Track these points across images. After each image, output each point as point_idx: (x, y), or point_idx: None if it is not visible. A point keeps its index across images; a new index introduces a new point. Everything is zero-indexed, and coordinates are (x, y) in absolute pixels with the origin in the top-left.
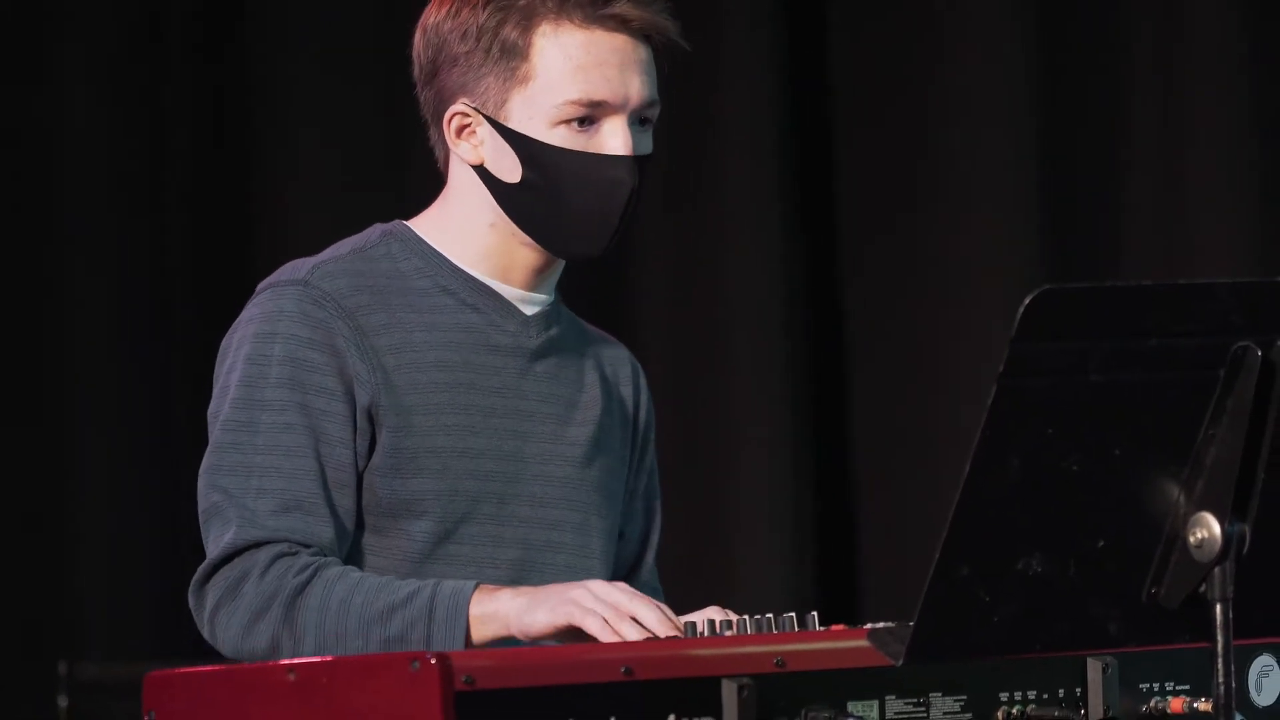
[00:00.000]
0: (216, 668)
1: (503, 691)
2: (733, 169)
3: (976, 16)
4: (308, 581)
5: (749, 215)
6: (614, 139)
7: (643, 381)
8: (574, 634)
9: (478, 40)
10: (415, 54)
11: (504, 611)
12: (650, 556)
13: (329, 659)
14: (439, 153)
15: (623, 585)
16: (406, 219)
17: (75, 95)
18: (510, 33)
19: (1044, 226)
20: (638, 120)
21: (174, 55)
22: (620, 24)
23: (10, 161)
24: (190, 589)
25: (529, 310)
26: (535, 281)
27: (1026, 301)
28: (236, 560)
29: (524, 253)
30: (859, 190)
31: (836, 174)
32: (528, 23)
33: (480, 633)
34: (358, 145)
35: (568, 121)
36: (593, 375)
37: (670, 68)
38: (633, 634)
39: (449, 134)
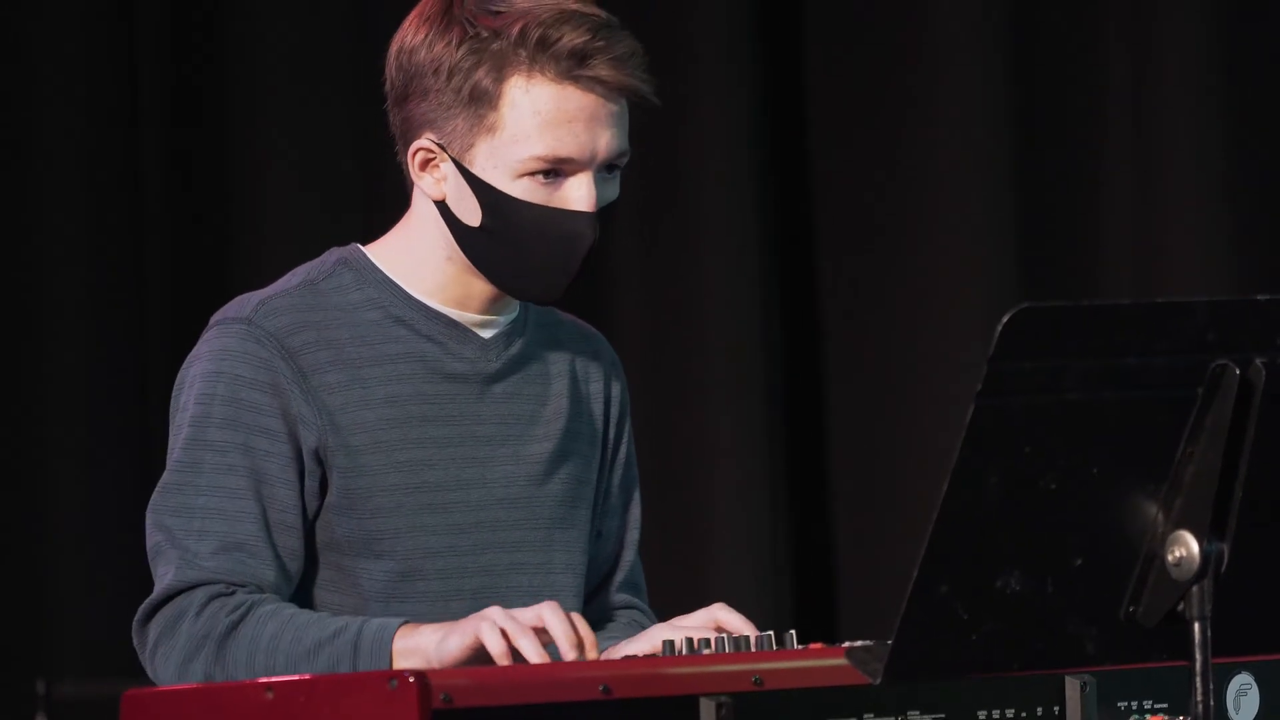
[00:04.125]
0: (194, 686)
1: (480, 710)
2: (708, 194)
3: (951, 41)
4: (240, 620)
5: (725, 240)
6: (577, 194)
7: (616, 373)
8: (485, 654)
9: (449, 79)
10: (387, 71)
11: (424, 644)
12: (629, 553)
13: (307, 677)
14: (404, 172)
15: (550, 605)
16: (368, 242)
17: (50, 110)
18: (482, 79)
19: (1019, 247)
20: (604, 168)
21: (148, 60)
22: (594, 83)
23: None
24: (133, 627)
25: (487, 333)
26: (491, 306)
27: (1004, 320)
28: (175, 600)
29: (480, 285)
30: (835, 213)
31: (812, 197)
32: (499, 72)
33: (402, 666)
34: (330, 164)
35: (532, 174)
36: (560, 382)
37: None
38: (531, 650)
39: (412, 166)
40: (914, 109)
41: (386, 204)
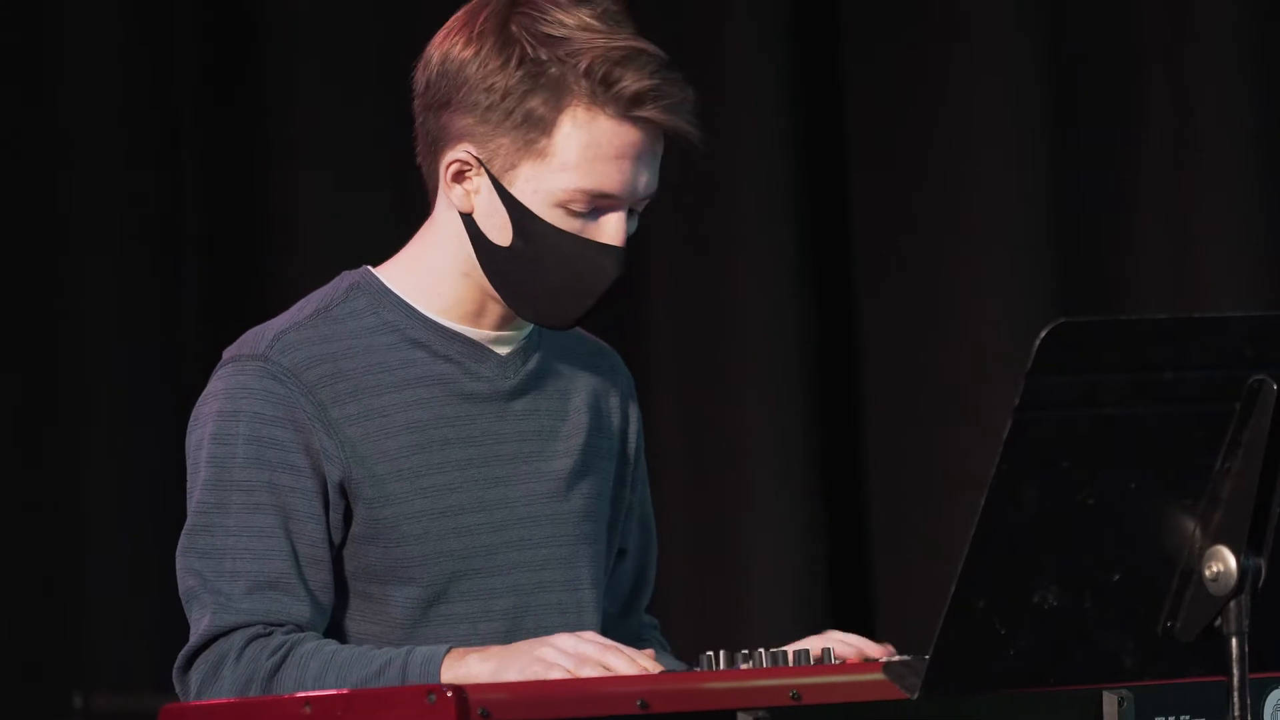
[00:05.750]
0: (232, 701)
1: None
2: (746, 205)
3: (988, 55)
4: (282, 661)
5: (762, 249)
6: (610, 229)
7: (631, 389)
8: None
9: (502, 99)
10: (426, 74)
11: (474, 675)
12: (652, 574)
13: (345, 692)
14: (426, 176)
15: (592, 635)
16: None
17: (90, 119)
18: (537, 105)
19: (1056, 262)
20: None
21: (184, 68)
22: (647, 123)
23: (24, 189)
24: (174, 675)
25: (503, 350)
26: (506, 322)
27: (1042, 334)
28: (213, 646)
29: (493, 301)
30: (872, 227)
31: (850, 211)
32: (558, 100)
33: None
34: (367, 169)
35: (570, 203)
36: (579, 397)
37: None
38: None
39: (444, 176)
40: (950, 124)
41: (419, 186)
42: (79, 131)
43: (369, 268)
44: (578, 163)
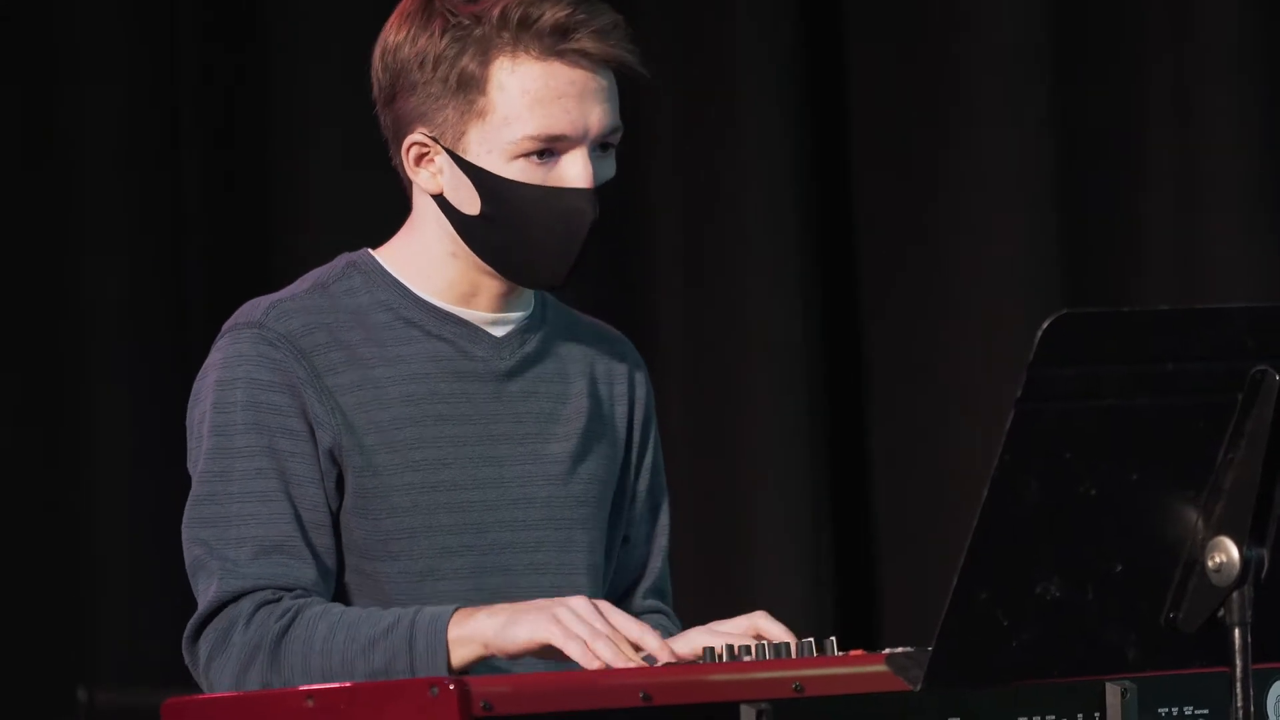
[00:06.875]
0: (234, 694)
1: (520, 717)
2: (751, 203)
3: (992, 52)
4: (290, 624)
5: (767, 247)
6: (573, 171)
7: (641, 376)
8: (551, 651)
9: (435, 69)
10: (374, 74)
11: (481, 631)
12: (657, 561)
13: (348, 685)
14: (401, 174)
15: (605, 604)
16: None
17: (90, 119)
18: (468, 64)
19: (1060, 262)
20: (598, 146)
21: (187, 41)
22: (580, 56)
23: (24, 189)
24: (184, 644)
25: (499, 331)
26: (503, 303)
27: (1044, 326)
28: (222, 613)
29: (488, 281)
30: (876, 226)
31: (854, 211)
32: (485, 55)
33: (460, 655)
34: (369, 169)
35: (527, 155)
36: (580, 382)
37: (689, 104)
38: (609, 655)
39: (407, 162)
40: (954, 124)
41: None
42: (79, 131)
43: (368, 249)
44: (518, 111)
